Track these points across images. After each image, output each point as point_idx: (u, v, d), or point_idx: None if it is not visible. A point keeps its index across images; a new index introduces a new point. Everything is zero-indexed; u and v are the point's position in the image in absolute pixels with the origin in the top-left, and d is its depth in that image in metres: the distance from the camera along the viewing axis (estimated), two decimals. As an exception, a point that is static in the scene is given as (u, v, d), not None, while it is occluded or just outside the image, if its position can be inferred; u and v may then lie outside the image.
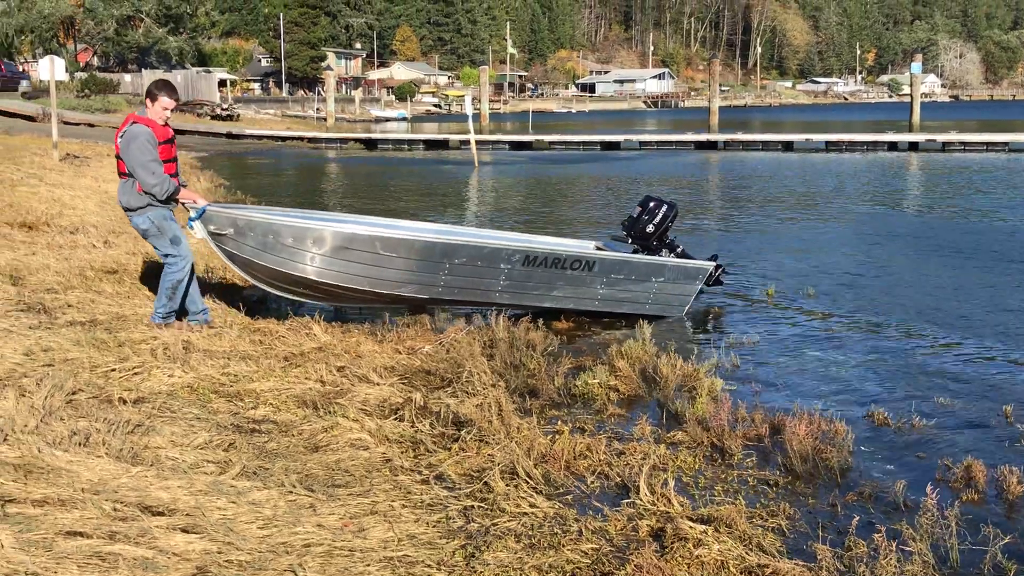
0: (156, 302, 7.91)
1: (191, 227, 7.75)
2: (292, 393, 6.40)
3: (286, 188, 26.76)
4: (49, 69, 24.25)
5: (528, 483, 5.14)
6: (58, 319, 7.81)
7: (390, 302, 8.75)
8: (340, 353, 7.46)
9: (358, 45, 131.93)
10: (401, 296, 8.56)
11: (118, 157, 7.65)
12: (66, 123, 36.73)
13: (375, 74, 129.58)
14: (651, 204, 9.92)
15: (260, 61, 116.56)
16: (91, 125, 45.40)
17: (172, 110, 7.87)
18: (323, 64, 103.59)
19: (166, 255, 7.84)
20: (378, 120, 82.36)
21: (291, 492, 4.72)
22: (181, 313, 8.00)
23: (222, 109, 63.10)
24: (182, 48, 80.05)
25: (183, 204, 7.78)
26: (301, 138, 49.89)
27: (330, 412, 6.04)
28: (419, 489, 5.02)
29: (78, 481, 4.53)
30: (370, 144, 47.23)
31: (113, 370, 6.46)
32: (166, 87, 7.84)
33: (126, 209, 7.79)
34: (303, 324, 8.17)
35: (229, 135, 49.64)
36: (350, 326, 8.64)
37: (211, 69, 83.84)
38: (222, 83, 78.39)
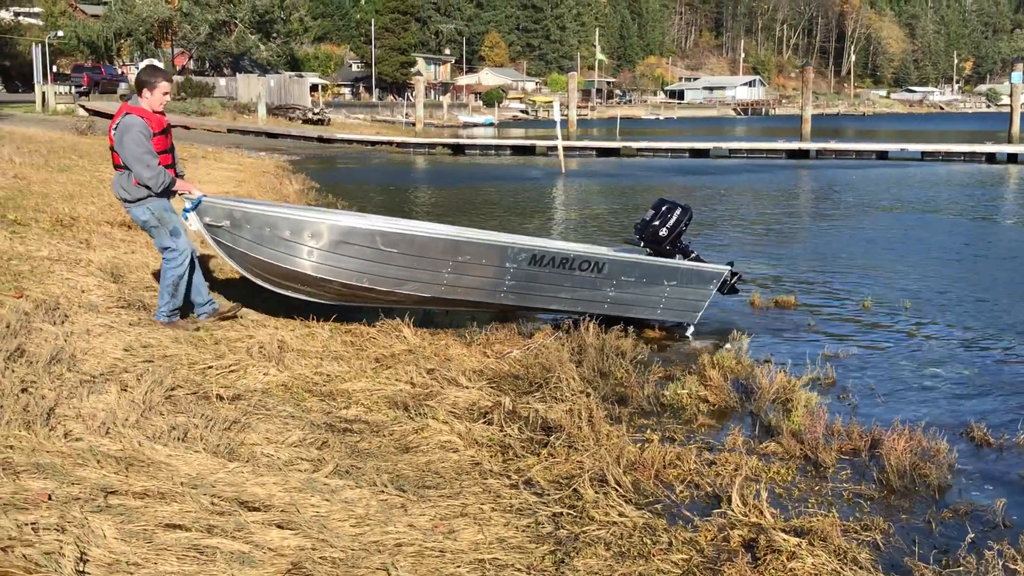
0: (159, 300, 7.81)
1: (186, 218, 7.58)
2: (383, 394, 6.47)
3: (374, 191, 27.06)
4: (149, 73, 24.86)
5: (618, 491, 5.11)
6: (157, 316, 7.99)
7: (388, 301, 8.35)
8: (429, 356, 7.52)
9: (447, 51, 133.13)
10: (401, 294, 8.15)
11: (112, 149, 7.54)
12: (164, 126, 37.48)
13: (463, 80, 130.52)
14: (664, 207, 9.58)
15: (351, 66, 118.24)
16: (187, 127, 46.47)
17: (168, 93, 7.75)
18: (412, 70, 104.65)
19: (164, 248, 7.73)
20: (465, 125, 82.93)
21: (383, 492, 4.76)
22: (188, 307, 7.95)
23: (313, 113, 64.15)
24: (275, 53, 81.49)
25: (181, 195, 7.64)
26: (390, 143, 50.39)
27: (420, 414, 6.09)
28: (508, 493, 5.03)
29: (177, 475, 4.63)
30: (457, 149, 47.52)
31: (210, 367, 6.59)
32: (160, 71, 7.77)
33: (124, 201, 7.68)
34: (393, 327, 8.24)
35: (320, 139, 50.38)
36: (439, 329, 8.70)
37: (303, 74, 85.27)
38: (314, 88, 79.69)
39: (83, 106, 51.36)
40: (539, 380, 7.07)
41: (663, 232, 9.38)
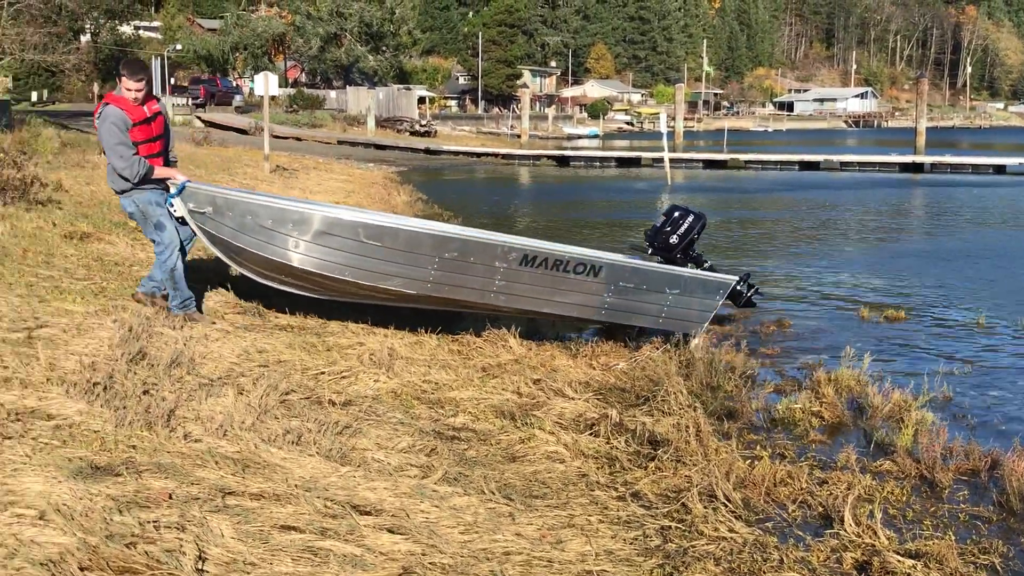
0: (169, 294, 7.84)
1: (170, 204, 7.51)
2: (490, 403, 6.51)
3: (479, 203, 27.27)
4: (264, 85, 25.56)
5: (727, 507, 5.05)
6: (270, 322, 8.19)
7: (376, 297, 8.13)
8: (536, 366, 7.55)
9: (553, 63, 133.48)
10: (387, 290, 7.88)
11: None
12: (275, 136, 38.57)
13: (569, 92, 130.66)
14: (676, 214, 9.26)
15: (458, 79, 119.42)
16: (298, 139, 47.55)
17: (140, 91, 7.48)
18: (518, 82, 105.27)
19: (153, 241, 7.82)
20: (570, 137, 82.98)
21: (491, 500, 4.79)
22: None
23: (420, 125, 64.98)
24: (383, 65, 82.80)
25: (167, 182, 7.56)
26: (495, 154, 50.74)
27: (527, 424, 6.11)
28: (615, 505, 5.02)
29: (291, 477, 4.73)
30: (562, 161, 47.56)
31: (322, 373, 6.72)
32: (129, 66, 7.58)
33: (115, 192, 7.74)
34: (499, 336, 8.29)
35: (427, 151, 51.01)
36: (544, 340, 8.73)
37: (411, 86, 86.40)
38: (421, 100, 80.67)
39: (199, 117, 52.95)
40: (646, 393, 7.04)
41: (674, 239, 9.10)
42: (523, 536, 4.42)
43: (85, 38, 77.02)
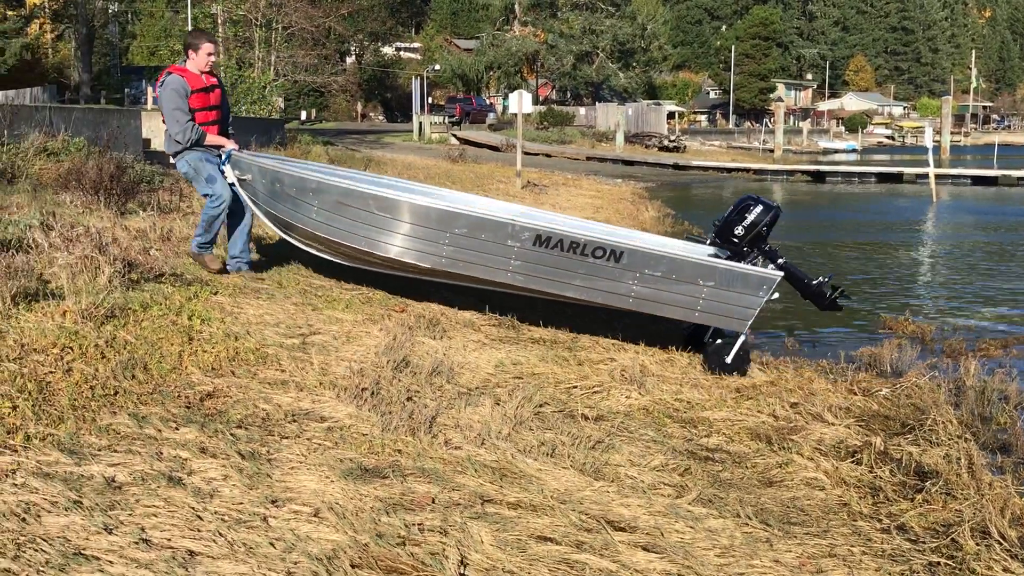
0: (196, 232, 8.57)
1: (222, 170, 8.34)
2: (744, 425, 6.37)
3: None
4: (518, 103, 26.19)
5: (1002, 545, 4.72)
6: (524, 335, 8.35)
7: (392, 266, 8.29)
8: (792, 389, 7.33)
9: (809, 76, 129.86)
10: (400, 261, 8.05)
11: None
12: (527, 153, 39.39)
13: (825, 105, 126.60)
14: (743, 203, 8.50)
15: (708, 93, 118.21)
16: (548, 155, 48.37)
17: (214, 55, 8.36)
18: (772, 95, 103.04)
19: (204, 195, 8.44)
20: (826, 152, 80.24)
21: (747, 524, 4.69)
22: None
23: (669, 141, 64.67)
24: (633, 82, 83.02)
25: (219, 150, 8.37)
26: (746, 169, 49.73)
27: (784, 448, 5.94)
28: (879, 538, 4.79)
29: (546, 489, 4.80)
30: (817, 176, 46.04)
31: (575, 387, 6.79)
32: (204, 34, 8.51)
33: (171, 156, 8.43)
34: (752, 358, 8.13)
35: (675, 166, 50.67)
36: (800, 360, 8.48)
37: (660, 102, 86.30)
38: (670, 115, 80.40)
39: (455, 135, 54.85)
40: (911, 421, 6.68)
41: (739, 230, 8.35)
42: (782, 563, 4.29)
43: (350, 59, 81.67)
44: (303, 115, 67.26)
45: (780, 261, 8.48)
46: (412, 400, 5.91)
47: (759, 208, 8.39)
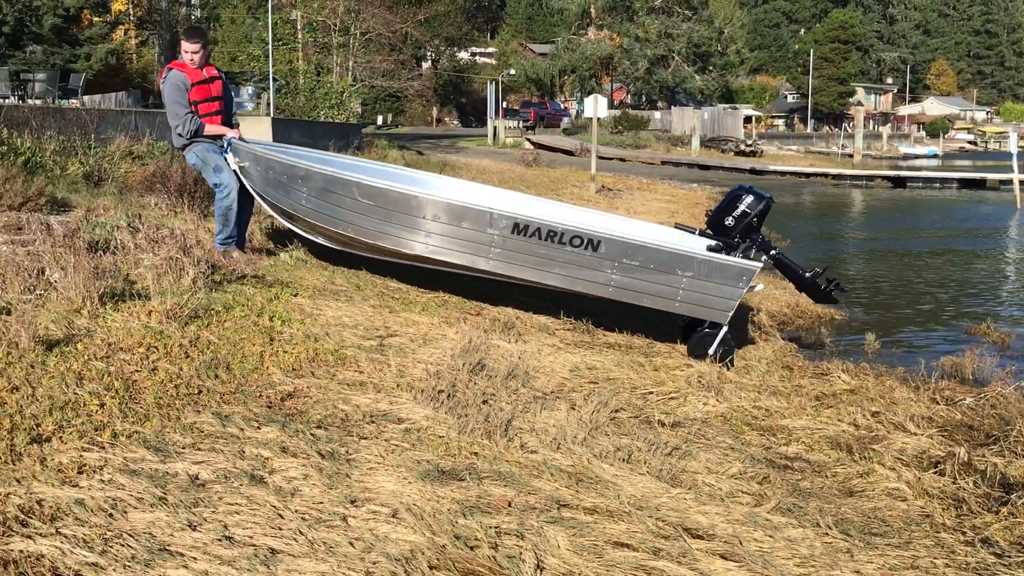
0: (216, 230, 8.87)
1: (225, 157, 8.62)
2: (824, 434, 6.28)
3: (808, 224, 26.46)
4: (593, 107, 26.16)
5: (1093, 563, 4.59)
6: (599, 339, 8.34)
7: (380, 252, 8.51)
8: (873, 398, 7.20)
9: (889, 80, 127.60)
10: (385, 248, 8.29)
11: None
12: (601, 157, 39.27)
13: (905, 109, 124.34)
14: (734, 194, 8.43)
15: (786, 97, 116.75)
16: (622, 160, 48.21)
17: (196, 53, 8.52)
18: (851, 99, 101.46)
19: (213, 184, 8.75)
20: (906, 157, 78.72)
21: (827, 534, 4.62)
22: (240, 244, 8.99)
23: (746, 145, 64.05)
24: (710, 85, 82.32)
25: (220, 139, 8.64)
26: (825, 175, 49.02)
27: (865, 457, 5.84)
28: (963, 550, 4.68)
29: (622, 494, 4.78)
30: (897, 182, 45.24)
31: (651, 393, 6.76)
32: (188, 33, 8.76)
33: (179, 150, 8.85)
34: (833, 366, 8.02)
35: (752, 171, 50.11)
36: (881, 368, 8.34)
37: (737, 106, 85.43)
38: (747, 119, 79.61)
39: (529, 139, 54.94)
40: (996, 432, 6.52)
41: (729, 221, 8.29)
42: (862, 574, 4.22)
43: (426, 65, 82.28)
44: (379, 120, 67.97)
45: (773, 252, 8.52)
46: (488, 403, 5.93)
47: (750, 198, 8.35)
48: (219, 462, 4.50)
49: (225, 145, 8.63)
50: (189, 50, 8.55)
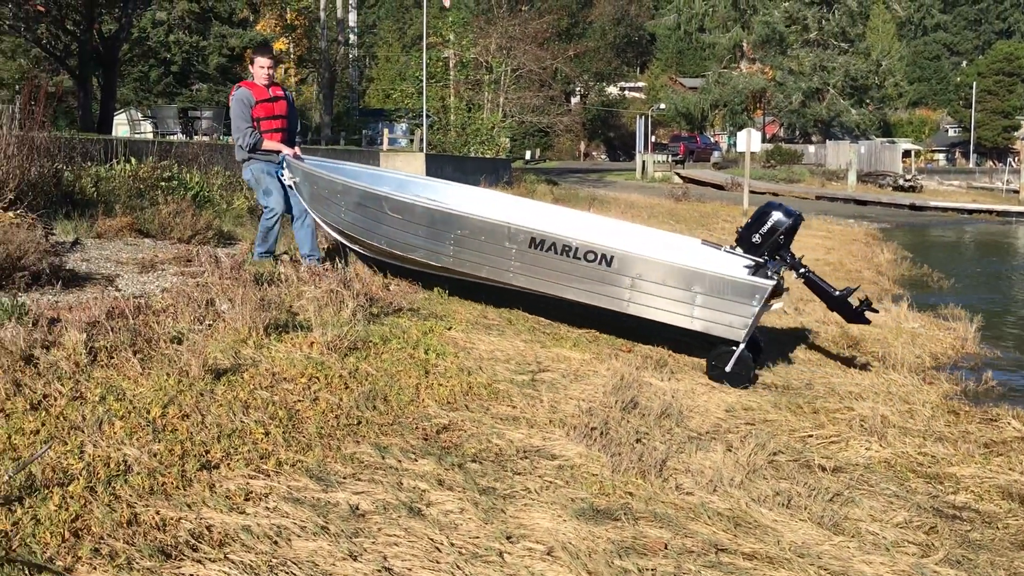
0: (256, 241, 9.47)
1: (281, 174, 9.08)
2: (995, 483, 5.98)
3: (970, 263, 25.41)
4: (746, 141, 25.84)
5: None
6: (756, 380, 8.17)
7: (412, 264, 8.83)
8: (1049, 446, 6.83)
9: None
10: (416, 260, 8.65)
11: None
12: (753, 192, 38.64)
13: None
14: (763, 210, 8.24)
15: (947, 131, 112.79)
16: (775, 194, 47.27)
17: (270, 67, 9.12)
18: (1016, 133, 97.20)
19: (263, 206, 9.26)
20: (1077, 193, 74.84)
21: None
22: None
23: (904, 180, 62.06)
24: (866, 119, 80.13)
25: (276, 155, 9.10)
26: (989, 211, 47.01)
27: (1041, 510, 5.54)
28: None
29: (782, 540, 4.65)
30: (1068, 219, 43.06)
31: (810, 436, 6.57)
32: (259, 50, 9.37)
33: (240, 163, 9.33)
34: (999, 413, 7.64)
35: (912, 207, 48.48)
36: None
37: (895, 140, 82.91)
38: (906, 154, 77.04)
39: (678, 173, 54.55)
40: None
41: (756, 238, 8.19)
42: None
43: (575, 100, 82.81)
44: (528, 155, 68.65)
45: (802, 270, 8.36)
46: (641, 442, 5.87)
47: (778, 215, 8.25)
48: (378, 493, 4.58)
49: (280, 161, 9.10)
50: (264, 64, 9.13)
